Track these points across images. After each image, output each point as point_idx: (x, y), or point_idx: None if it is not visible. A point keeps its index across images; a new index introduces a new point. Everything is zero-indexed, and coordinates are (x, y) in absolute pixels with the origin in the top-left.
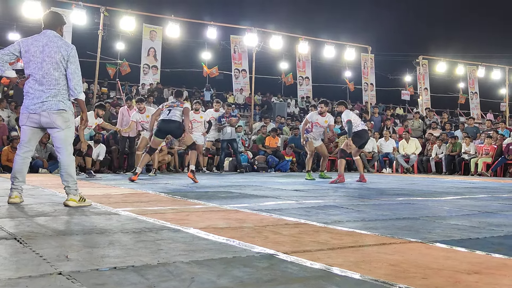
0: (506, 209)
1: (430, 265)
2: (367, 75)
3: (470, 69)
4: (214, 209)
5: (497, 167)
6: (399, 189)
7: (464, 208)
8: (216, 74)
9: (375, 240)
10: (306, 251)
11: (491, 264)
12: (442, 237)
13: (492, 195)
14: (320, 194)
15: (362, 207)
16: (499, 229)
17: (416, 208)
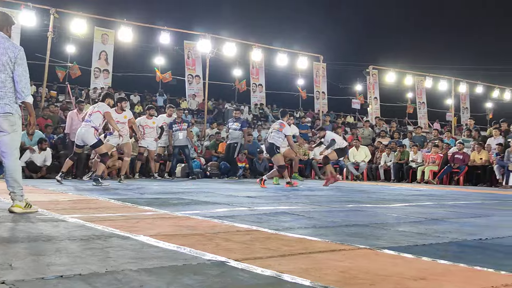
0: (451, 216)
1: (378, 272)
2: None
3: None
4: (165, 216)
5: (443, 175)
6: (349, 196)
7: (411, 215)
8: (169, 79)
9: (325, 247)
10: (257, 258)
11: (437, 270)
12: (390, 243)
13: (438, 203)
14: (273, 201)
15: (313, 214)
16: (445, 235)
17: (366, 215)
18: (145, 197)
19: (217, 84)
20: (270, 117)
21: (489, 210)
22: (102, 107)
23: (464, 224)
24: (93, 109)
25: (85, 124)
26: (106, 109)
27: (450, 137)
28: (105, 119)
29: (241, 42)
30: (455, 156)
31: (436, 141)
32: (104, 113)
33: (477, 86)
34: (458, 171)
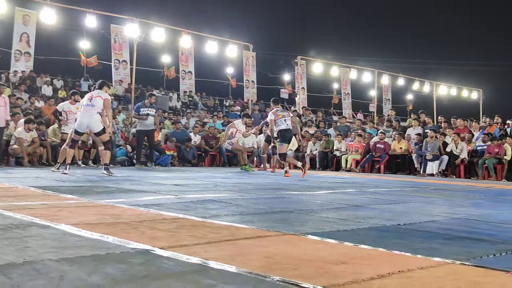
0: (372, 203)
1: (302, 257)
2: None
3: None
4: (88, 204)
5: (365, 163)
6: (276, 183)
7: (335, 202)
8: (94, 63)
9: (251, 233)
10: (183, 245)
11: (358, 254)
12: (313, 229)
13: (360, 190)
14: (200, 189)
15: (240, 201)
16: (365, 221)
17: (291, 202)
18: (68, 185)
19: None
20: (199, 105)
21: (407, 197)
22: (103, 94)
23: (383, 210)
24: (91, 94)
25: (89, 109)
26: (108, 96)
27: (373, 127)
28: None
29: (171, 27)
30: (376, 146)
31: (359, 131)
32: (105, 100)
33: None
34: (379, 159)
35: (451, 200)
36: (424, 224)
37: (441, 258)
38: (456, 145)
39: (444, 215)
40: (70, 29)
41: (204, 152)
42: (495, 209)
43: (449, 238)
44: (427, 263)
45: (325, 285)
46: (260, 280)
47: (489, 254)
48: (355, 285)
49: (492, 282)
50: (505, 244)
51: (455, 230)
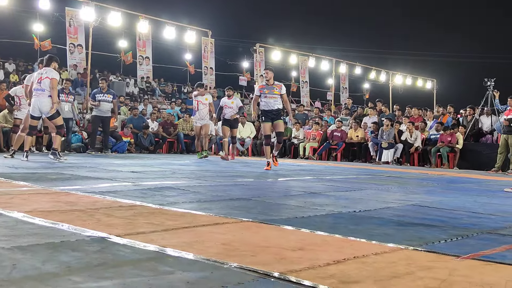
0: (328, 190)
1: (260, 243)
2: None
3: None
4: (42, 191)
5: (322, 151)
6: (234, 171)
7: (292, 189)
8: (48, 47)
9: (209, 220)
10: (140, 233)
11: (314, 241)
12: (271, 216)
13: (317, 177)
14: (158, 176)
15: (198, 189)
16: (322, 208)
17: (249, 189)
18: (21, 172)
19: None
20: (157, 91)
21: (363, 184)
22: (51, 72)
23: (340, 197)
24: (40, 75)
25: (40, 93)
26: (55, 75)
27: (330, 115)
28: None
29: (127, 12)
30: (334, 134)
31: (317, 119)
32: (52, 80)
33: (356, 67)
34: (336, 147)
35: (405, 187)
36: (379, 211)
37: (395, 244)
38: (410, 134)
39: (398, 202)
40: (22, 11)
41: (161, 139)
42: (446, 196)
43: (402, 224)
44: (382, 249)
45: (282, 271)
46: (218, 267)
47: (440, 240)
48: (312, 271)
49: (443, 267)
50: (456, 230)
51: (408, 216)
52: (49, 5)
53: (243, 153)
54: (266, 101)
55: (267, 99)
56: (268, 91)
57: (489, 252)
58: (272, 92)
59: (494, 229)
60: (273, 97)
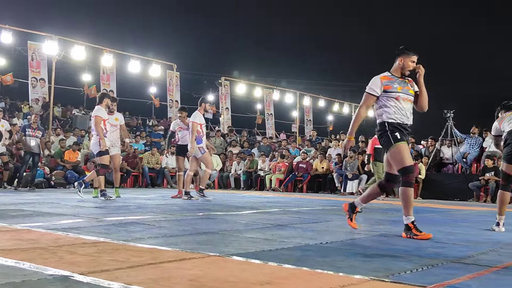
0: (295, 222)
1: (228, 278)
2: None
3: (267, 92)
4: (2, 229)
5: (288, 182)
6: (200, 204)
7: (259, 221)
8: (10, 81)
9: (175, 256)
10: (104, 270)
11: (281, 274)
12: (238, 250)
13: (284, 209)
14: (122, 211)
15: (164, 223)
16: (289, 240)
17: (216, 223)
18: None
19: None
20: None
21: (329, 216)
22: (98, 111)
23: (306, 229)
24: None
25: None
26: (98, 113)
27: (295, 147)
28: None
29: (91, 45)
30: (299, 165)
31: (282, 151)
32: (96, 117)
33: (320, 100)
34: (301, 179)
35: (370, 218)
36: (345, 242)
37: (361, 275)
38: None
39: (364, 233)
40: None
41: (126, 173)
42: None
43: (369, 255)
44: (348, 281)
45: None
46: None
47: (406, 270)
48: None
49: None
50: (421, 260)
51: (374, 247)
52: (11, 38)
53: (209, 185)
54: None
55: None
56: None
57: (453, 282)
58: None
59: (458, 258)
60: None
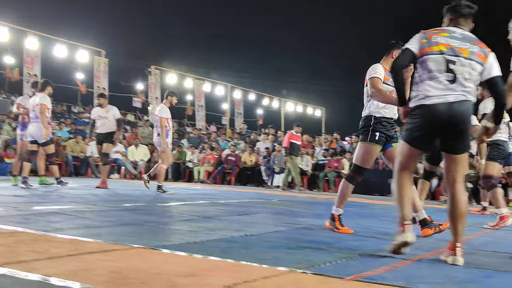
0: (222, 214)
1: (150, 270)
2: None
3: (198, 83)
4: None
5: (217, 175)
6: (126, 195)
7: (186, 213)
8: None
9: (97, 247)
10: (22, 261)
11: (206, 266)
12: (163, 242)
13: (211, 201)
14: (43, 200)
15: (87, 214)
16: (215, 233)
17: (142, 214)
18: None
19: None
20: None
21: (255, 208)
22: (43, 99)
23: (232, 221)
24: (33, 101)
25: (36, 121)
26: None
27: (225, 139)
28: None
29: (14, 27)
30: (228, 158)
31: (212, 143)
32: (41, 105)
33: (250, 94)
34: (230, 171)
35: (294, 211)
36: (270, 235)
37: (284, 267)
38: (302, 159)
39: (288, 226)
40: None
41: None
42: None
43: (292, 247)
44: (271, 273)
45: None
46: None
47: (326, 262)
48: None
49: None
50: (341, 252)
51: (297, 239)
52: None
53: (136, 176)
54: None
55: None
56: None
57: (370, 274)
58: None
59: (375, 251)
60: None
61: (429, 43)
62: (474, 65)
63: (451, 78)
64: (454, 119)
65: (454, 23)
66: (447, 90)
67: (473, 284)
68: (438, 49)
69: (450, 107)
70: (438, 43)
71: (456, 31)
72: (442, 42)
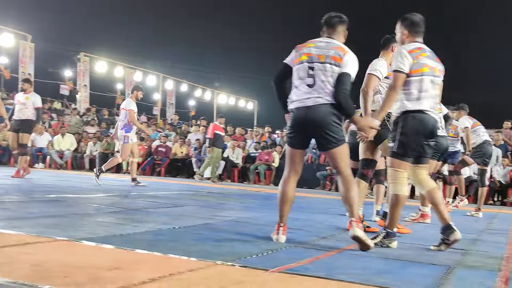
0: (149, 206)
1: (74, 263)
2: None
3: (129, 72)
4: None
5: (146, 166)
6: (50, 185)
7: (112, 205)
8: None
9: (18, 240)
10: None
11: (131, 258)
12: (88, 234)
13: (140, 193)
14: None
15: (8, 205)
16: (142, 225)
17: (66, 206)
18: None
19: None
20: None
21: (184, 201)
22: None
23: (160, 214)
24: None
25: None
26: None
27: (155, 130)
28: None
29: None
30: (158, 149)
31: (142, 134)
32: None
33: (182, 84)
34: (160, 162)
35: (224, 203)
36: (198, 227)
37: (210, 259)
38: (233, 151)
39: (217, 218)
40: None
41: None
42: (261, 211)
43: (219, 240)
44: (197, 265)
45: None
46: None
47: (252, 255)
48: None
49: (253, 281)
50: (267, 245)
51: (225, 232)
52: None
53: (62, 166)
54: None
55: None
56: None
57: (294, 265)
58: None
59: (300, 243)
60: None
61: (298, 55)
62: (328, 67)
63: (311, 83)
64: (313, 120)
65: (327, 34)
66: (306, 94)
67: (389, 274)
68: (301, 59)
69: (307, 109)
70: (302, 53)
71: (323, 40)
72: (306, 52)
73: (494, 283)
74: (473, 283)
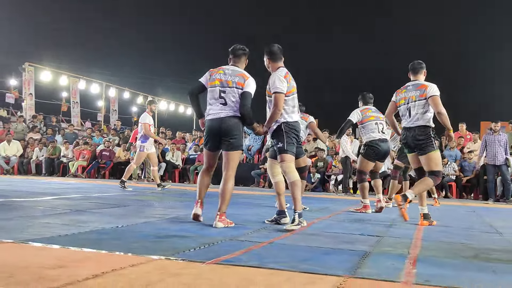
0: (94, 207)
1: (19, 264)
2: None
3: (73, 81)
4: None
5: (91, 169)
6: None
7: (58, 207)
8: None
9: None
10: None
11: (76, 257)
12: (34, 235)
13: (85, 195)
14: None
15: None
16: (86, 225)
17: (12, 209)
18: None
19: None
20: None
21: (127, 201)
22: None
23: (104, 214)
24: None
25: None
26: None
27: (100, 135)
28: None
29: None
30: (102, 153)
31: (87, 139)
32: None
33: (125, 92)
34: (104, 166)
35: (165, 202)
36: (140, 225)
37: (151, 255)
38: (173, 154)
39: (158, 217)
40: None
41: None
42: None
43: (160, 236)
44: (139, 260)
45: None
46: None
47: (190, 249)
48: (70, 286)
49: (190, 273)
50: (204, 239)
51: (166, 229)
52: None
53: (8, 171)
54: None
55: None
56: None
57: (228, 257)
58: None
59: (235, 236)
60: None
61: (212, 79)
62: (235, 90)
63: (223, 102)
64: (223, 129)
65: (233, 62)
66: (220, 110)
67: (312, 261)
68: (215, 83)
69: (221, 120)
70: (215, 78)
71: (229, 68)
72: (218, 77)
73: (403, 264)
74: (386, 265)
